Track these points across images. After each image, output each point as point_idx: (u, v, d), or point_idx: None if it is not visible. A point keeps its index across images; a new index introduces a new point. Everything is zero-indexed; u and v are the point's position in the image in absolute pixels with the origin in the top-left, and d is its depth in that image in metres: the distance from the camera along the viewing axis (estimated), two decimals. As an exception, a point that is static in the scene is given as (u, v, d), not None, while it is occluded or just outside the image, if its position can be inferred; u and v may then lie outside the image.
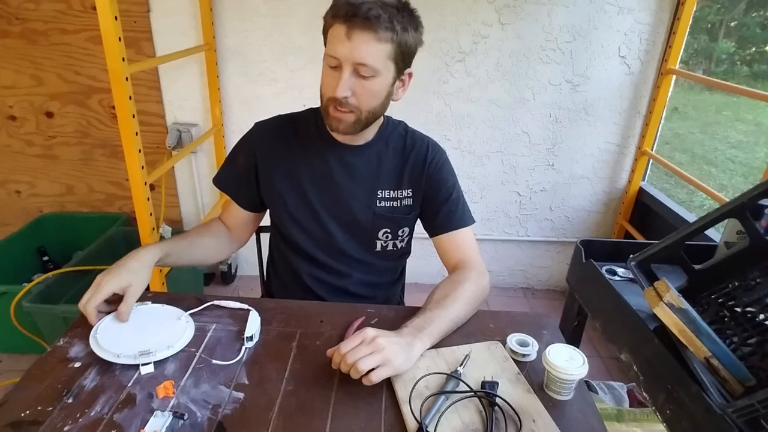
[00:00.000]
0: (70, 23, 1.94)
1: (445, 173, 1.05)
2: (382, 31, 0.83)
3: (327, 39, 0.88)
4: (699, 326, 0.75)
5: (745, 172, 3.89)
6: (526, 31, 1.95)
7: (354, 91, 0.87)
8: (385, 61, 0.86)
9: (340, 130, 0.92)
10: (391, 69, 0.89)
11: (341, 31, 0.83)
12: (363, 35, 0.82)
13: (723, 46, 4.85)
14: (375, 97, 0.90)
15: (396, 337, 0.77)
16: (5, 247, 2.01)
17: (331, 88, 0.87)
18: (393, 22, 0.84)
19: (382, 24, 0.83)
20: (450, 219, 1.03)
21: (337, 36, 0.84)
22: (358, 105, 0.89)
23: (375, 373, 0.71)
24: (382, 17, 0.82)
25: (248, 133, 1.06)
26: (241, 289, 2.34)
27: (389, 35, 0.84)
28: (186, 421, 0.69)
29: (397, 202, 1.05)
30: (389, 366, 0.72)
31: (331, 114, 0.90)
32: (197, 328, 0.88)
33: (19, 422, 0.68)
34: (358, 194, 1.03)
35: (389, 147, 1.03)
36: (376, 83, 0.88)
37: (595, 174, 2.22)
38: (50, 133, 2.15)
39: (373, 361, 0.71)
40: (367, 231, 1.06)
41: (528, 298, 2.44)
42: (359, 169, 1.02)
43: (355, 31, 0.82)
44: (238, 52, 2.00)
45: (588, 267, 1.09)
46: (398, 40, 0.86)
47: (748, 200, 0.81)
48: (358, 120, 0.91)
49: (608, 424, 0.95)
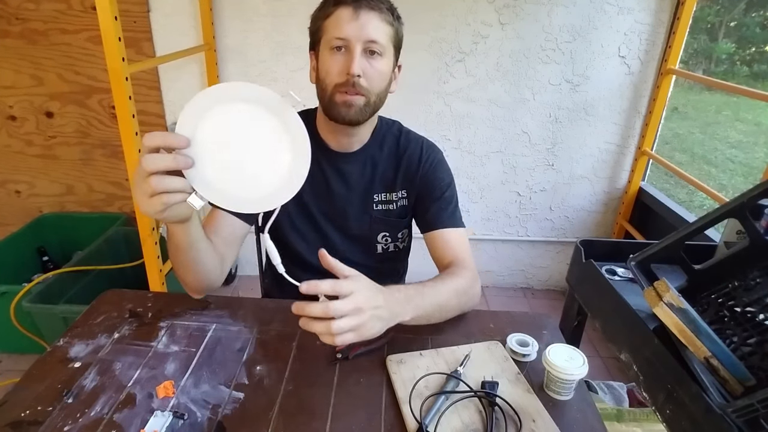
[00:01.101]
0: (70, 23, 1.95)
1: (440, 172, 1.04)
2: (385, 13, 0.88)
3: (324, 29, 0.89)
4: (699, 326, 0.75)
5: (745, 172, 3.89)
6: (526, 31, 1.95)
7: (364, 71, 0.87)
8: (388, 43, 0.89)
9: (351, 115, 0.89)
10: (391, 53, 0.91)
11: (347, 12, 0.85)
12: (371, 14, 0.86)
13: (723, 47, 4.85)
14: (383, 79, 0.90)
15: (384, 306, 0.71)
16: (5, 247, 2.01)
17: (338, 72, 0.87)
18: (392, 10, 0.90)
19: (384, 6, 0.88)
20: (441, 216, 1.01)
21: (344, 18, 0.85)
22: (368, 87, 0.88)
23: (342, 336, 0.66)
24: (384, 4, 0.88)
25: None
26: (241, 289, 2.34)
27: (390, 18, 0.89)
28: (186, 421, 0.69)
29: (393, 205, 1.04)
30: (358, 332, 0.67)
31: (338, 101, 0.88)
32: (197, 328, 0.88)
33: (19, 422, 0.68)
34: (354, 201, 1.02)
35: (383, 149, 1.02)
36: (383, 63, 0.89)
37: (595, 174, 2.22)
38: (50, 133, 2.15)
39: (348, 324, 0.66)
40: (366, 236, 1.05)
41: (528, 298, 2.44)
42: (354, 176, 1.01)
43: (363, 10, 0.85)
44: (238, 52, 2.00)
45: (588, 267, 1.09)
46: (396, 27, 0.90)
47: (747, 200, 0.81)
48: (367, 104, 0.89)
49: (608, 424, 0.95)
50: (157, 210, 0.64)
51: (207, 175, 0.64)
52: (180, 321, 0.90)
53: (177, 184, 0.63)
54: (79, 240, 2.22)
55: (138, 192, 0.65)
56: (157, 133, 0.62)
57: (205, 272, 0.86)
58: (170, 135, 0.63)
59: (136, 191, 0.65)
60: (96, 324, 0.89)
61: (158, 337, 0.86)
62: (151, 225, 1.49)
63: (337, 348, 0.83)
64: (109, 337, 0.86)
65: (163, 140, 0.62)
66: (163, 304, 0.95)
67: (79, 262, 1.88)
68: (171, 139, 0.62)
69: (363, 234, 1.05)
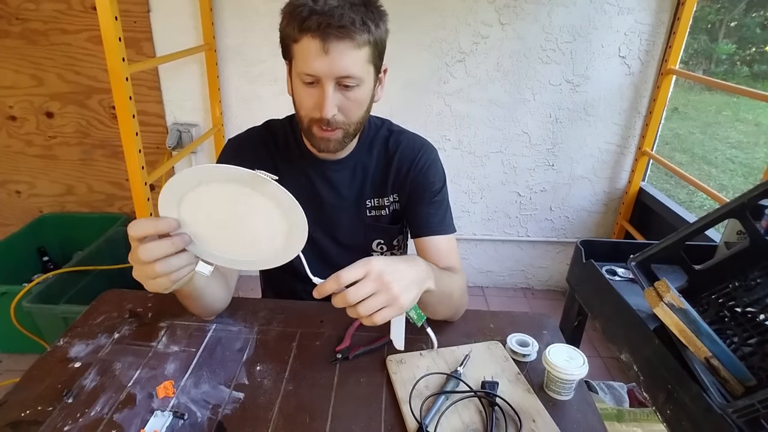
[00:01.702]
0: (70, 23, 1.95)
1: (431, 175, 0.98)
2: (359, 35, 0.75)
3: (293, 54, 0.79)
4: (699, 326, 0.75)
5: (745, 172, 3.89)
6: (526, 31, 1.95)
7: (340, 106, 0.80)
8: (366, 66, 0.80)
9: (330, 149, 0.86)
10: (371, 72, 0.82)
11: (315, 45, 0.75)
12: (340, 45, 0.75)
13: (723, 47, 4.85)
14: (361, 107, 0.84)
15: (407, 269, 0.68)
16: (5, 247, 2.01)
17: (312, 108, 0.81)
18: (366, 22, 0.76)
19: (357, 28, 0.75)
20: (431, 221, 0.96)
21: (311, 51, 0.75)
22: (345, 120, 0.83)
23: (379, 315, 0.64)
24: (356, 20, 0.74)
25: (222, 154, 0.97)
26: (241, 289, 2.34)
27: (366, 37, 0.77)
28: (186, 421, 0.69)
29: (384, 210, 1.00)
30: (396, 306, 0.64)
31: (316, 135, 0.84)
32: (197, 328, 0.88)
33: (19, 422, 0.68)
34: (347, 209, 0.99)
35: (372, 153, 0.98)
36: (360, 92, 0.81)
37: (595, 174, 2.22)
38: (50, 133, 2.15)
39: (379, 301, 0.63)
40: (360, 245, 1.02)
41: (528, 298, 2.44)
42: (344, 183, 0.97)
43: (332, 43, 0.74)
44: (237, 52, 2.00)
45: (588, 267, 1.09)
46: (374, 40, 0.79)
47: (748, 200, 0.81)
48: (346, 135, 0.85)
49: (608, 424, 0.95)
50: (165, 288, 0.63)
51: (208, 246, 0.64)
52: (180, 321, 0.90)
53: (182, 261, 0.62)
54: (79, 240, 2.22)
55: (141, 275, 0.62)
56: (142, 221, 0.60)
57: (214, 303, 0.88)
58: (159, 221, 0.61)
59: (139, 275, 0.63)
60: (96, 324, 0.89)
61: (158, 337, 0.86)
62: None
63: (337, 348, 0.83)
64: (109, 337, 0.86)
65: (154, 227, 0.60)
66: (163, 304, 0.95)
67: (79, 262, 1.88)
68: (161, 225, 0.60)
69: (357, 243, 1.02)
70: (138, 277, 0.63)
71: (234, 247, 0.65)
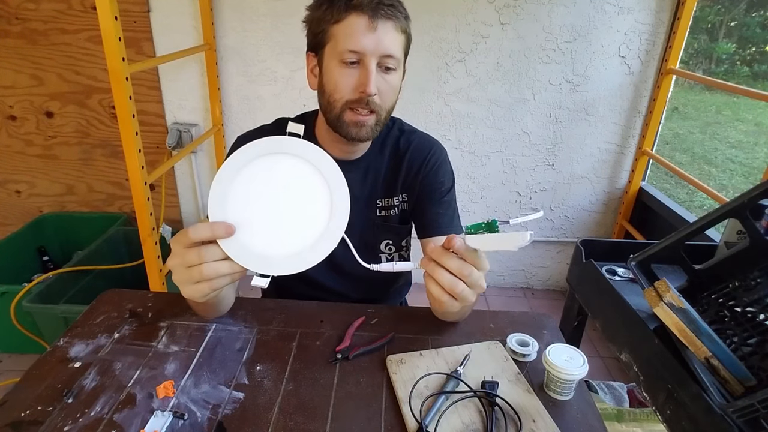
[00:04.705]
0: (70, 23, 1.95)
1: (441, 175, 0.99)
2: (401, 21, 0.78)
3: (331, 36, 0.79)
4: (699, 326, 0.75)
5: (745, 172, 3.89)
6: (526, 31, 1.95)
7: (379, 89, 0.80)
8: (402, 54, 0.82)
9: (361, 135, 0.83)
10: (402, 62, 0.84)
11: (363, 21, 0.76)
12: (388, 24, 0.77)
13: (723, 46, 4.86)
14: (395, 94, 0.84)
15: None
16: (5, 247, 2.01)
17: (353, 88, 0.79)
18: (404, 10, 0.80)
19: (400, 12, 0.78)
20: (440, 221, 0.96)
21: (359, 27, 0.76)
22: (381, 104, 0.81)
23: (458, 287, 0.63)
24: (398, 5, 0.78)
25: (232, 149, 0.96)
26: (241, 290, 2.33)
27: (405, 24, 0.80)
28: (186, 421, 0.69)
29: (393, 210, 1.00)
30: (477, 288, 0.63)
31: (348, 120, 0.82)
32: (197, 328, 0.88)
33: (19, 422, 0.68)
34: (358, 210, 0.97)
35: (384, 153, 0.98)
36: (396, 78, 0.82)
37: (595, 174, 2.22)
38: (50, 133, 2.15)
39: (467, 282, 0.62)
40: (369, 245, 1.01)
41: (528, 298, 2.44)
42: (356, 184, 0.95)
43: (380, 20, 0.76)
44: (237, 51, 2.00)
45: (588, 267, 1.09)
46: (408, 32, 0.82)
47: (748, 200, 0.81)
48: (378, 122, 0.84)
49: (608, 424, 0.95)
50: (203, 294, 0.63)
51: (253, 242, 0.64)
52: (180, 321, 0.90)
53: (227, 268, 0.62)
54: (79, 240, 2.22)
55: (185, 279, 0.63)
56: (201, 226, 0.62)
57: (225, 308, 0.91)
58: (215, 225, 0.62)
59: (180, 278, 0.63)
60: (96, 324, 0.89)
61: (158, 337, 0.86)
62: (151, 225, 1.49)
63: (337, 348, 0.83)
64: (109, 337, 0.86)
65: (212, 231, 0.61)
66: (163, 304, 0.95)
67: (79, 262, 1.88)
68: (218, 230, 0.61)
69: (366, 243, 1.01)
70: (179, 281, 0.64)
71: (280, 235, 0.66)
